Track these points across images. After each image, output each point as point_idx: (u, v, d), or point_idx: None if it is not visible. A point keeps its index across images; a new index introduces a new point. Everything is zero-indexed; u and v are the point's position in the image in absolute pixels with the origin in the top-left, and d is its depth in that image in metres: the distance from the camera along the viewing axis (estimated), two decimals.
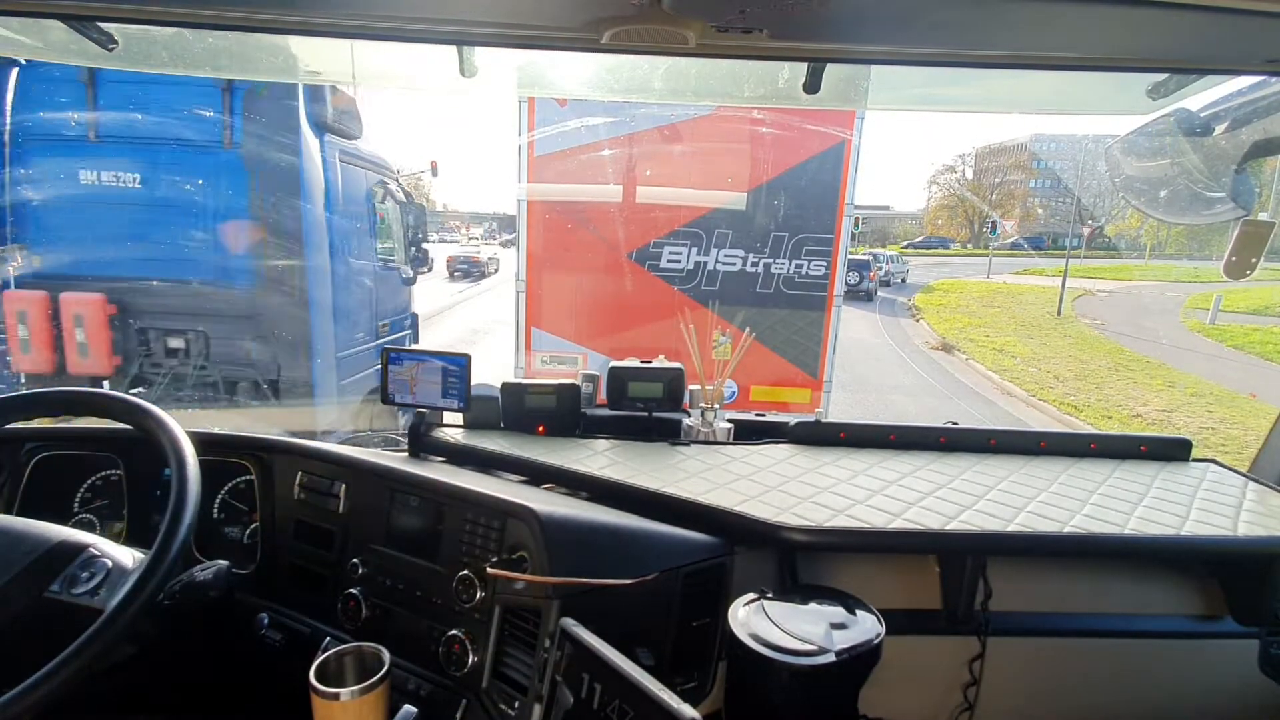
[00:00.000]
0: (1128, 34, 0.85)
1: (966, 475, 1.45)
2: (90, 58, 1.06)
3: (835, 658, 0.92)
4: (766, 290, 4.84)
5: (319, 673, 0.92)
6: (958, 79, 1.19)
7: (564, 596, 0.96)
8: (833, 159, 4.61)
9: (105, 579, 1.01)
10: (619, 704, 0.75)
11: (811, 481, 1.38)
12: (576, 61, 1.19)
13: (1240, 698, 1.31)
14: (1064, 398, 9.56)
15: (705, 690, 1.17)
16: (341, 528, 1.26)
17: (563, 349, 5.03)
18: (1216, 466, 1.59)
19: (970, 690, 1.27)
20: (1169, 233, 35.31)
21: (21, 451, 1.41)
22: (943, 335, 14.36)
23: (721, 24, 0.81)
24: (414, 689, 1.08)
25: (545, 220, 4.86)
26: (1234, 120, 1.14)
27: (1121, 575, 1.33)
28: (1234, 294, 18.10)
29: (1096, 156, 41.03)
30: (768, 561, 1.27)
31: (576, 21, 0.85)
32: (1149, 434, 1.67)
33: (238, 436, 1.41)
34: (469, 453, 1.48)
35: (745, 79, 1.18)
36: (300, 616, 1.25)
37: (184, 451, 1.07)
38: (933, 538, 1.19)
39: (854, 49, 0.94)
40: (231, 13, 0.89)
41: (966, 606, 1.25)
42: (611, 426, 1.66)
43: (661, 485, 1.31)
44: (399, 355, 1.45)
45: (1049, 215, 52.99)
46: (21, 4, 0.86)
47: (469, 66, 1.09)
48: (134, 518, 1.40)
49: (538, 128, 4.65)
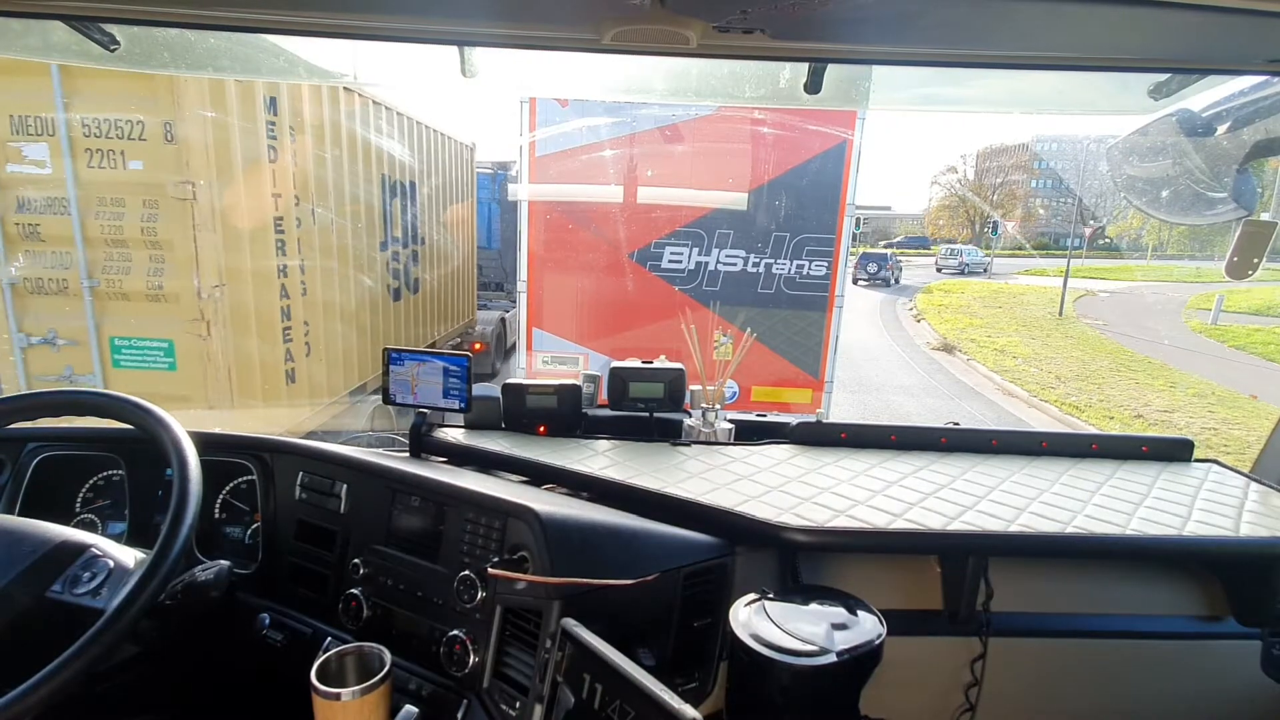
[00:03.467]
0: (1129, 34, 0.85)
1: (968, 476, 1.45)
2: (92, 59, 1.06)
3: (836, 658, 0.92)
4: (768, 290, 4.84)
5: (320, 673, 0.92)
6: (959, 79, 1.18)
7: (565, 597, 0.96)
8: (834, 159, 4.61)
9: (107, 579, 1.01)
10: (620, 704, 0.75)
11: (813, 482, 1.38)
12: (578, 62, 1.19)
13: (1243, 698, 1.31)
14: (1065, 398, 9.55)
15: (706, 690, 1.17)
16: (343, 528, 1.26)
17: (564, 349, 5.04)
18: (1218, 467, 1.58)
19: (972, 691, 1.27)
20: (1171, 233, 35.32)
21: (24, 451, 1.41)
22: (944, 335, 14.34)
23: (722, 24, 0.81)
24: (415, 689, 1.08)
25: (546, 220, 4.87)
26: (1236, 120, 1.14)
27: (1123, 576, 1.32)
28: (1236, 294, 18.08)
29: (1098, 157, 40.95)
30: (769, 562, 1.27)
31: (578, 22, 0.85)
32: (1151, 434, 1.66)
33: (239, 437, 1.42)
34: (470, 453, 1.48)
35: (746, 79, 1.18)
36: (301, 616, 1.25)
37: (185, 452, 1.07)
38: (934, 538, 1.19)
39: (855, 49, 0.94)
40: (233, 13, 0.89)
41: (968, 607, 1.25)
42: (612, 427, 1.66)
43: (663, 485, 1.31)
44: (400, 355, 1.45)
45: (1050, 215, 52.97)
46: (23, 4, 0.86)
47: (470, 67, 1.09)
48: (136, 518, 1.40)
49: (539, 128, 4.66)
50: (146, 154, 3.16)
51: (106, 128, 3.13)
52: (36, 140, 3.12)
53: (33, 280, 3.31)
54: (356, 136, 4.83)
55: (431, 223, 6.74)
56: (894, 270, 26.55)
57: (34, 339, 3.35)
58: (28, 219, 3.24)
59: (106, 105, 3.15)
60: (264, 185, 3.68)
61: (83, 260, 3.29)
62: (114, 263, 3.30)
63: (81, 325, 3.36)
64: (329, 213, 4.48)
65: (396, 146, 5.69)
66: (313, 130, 4.28)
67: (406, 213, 6.06)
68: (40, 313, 3.35)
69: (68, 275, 3.31)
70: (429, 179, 6.59)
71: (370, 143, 5.09)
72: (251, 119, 3.59)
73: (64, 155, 3.13)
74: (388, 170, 5.51)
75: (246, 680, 1.30)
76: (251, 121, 3.60)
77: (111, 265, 3.30)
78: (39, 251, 3.28)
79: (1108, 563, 1.32)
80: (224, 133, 3.34)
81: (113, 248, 3.29)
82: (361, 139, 4.94)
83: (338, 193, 4.62)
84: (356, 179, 4.94)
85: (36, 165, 3.16)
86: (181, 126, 3.14)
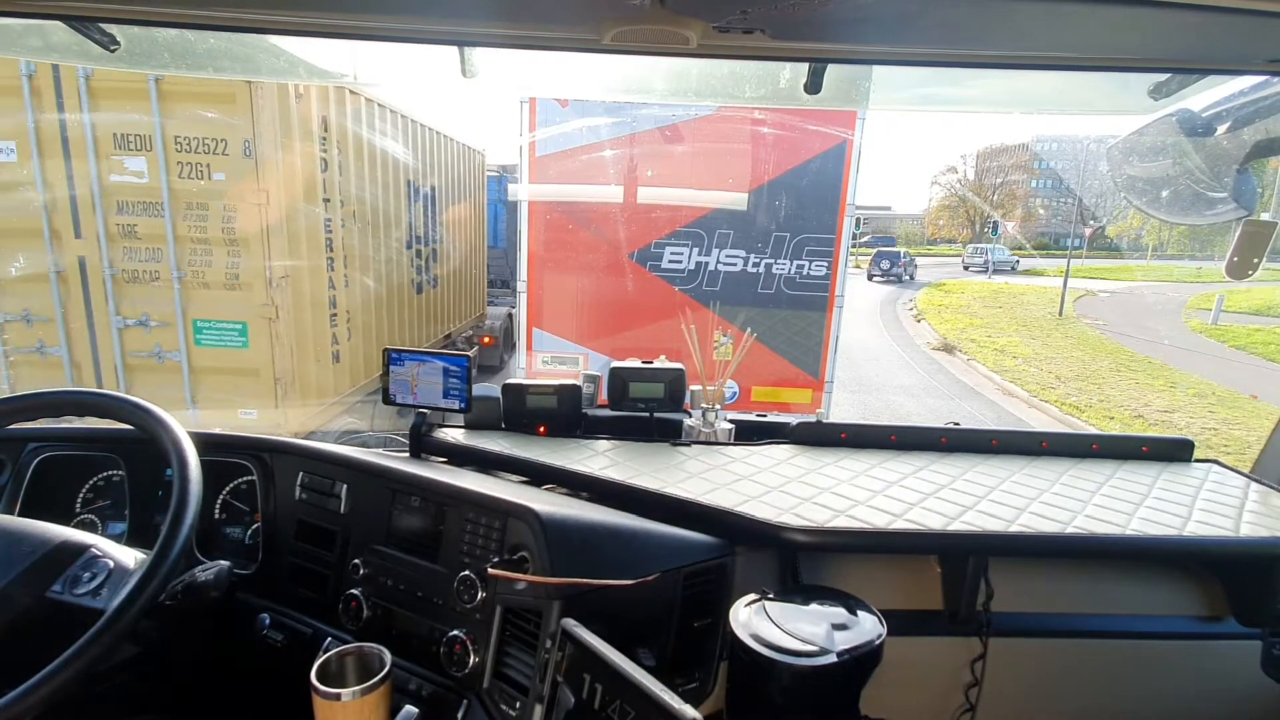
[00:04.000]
0: (1129, 34, 0.85)
1: (968, 476, 1.45)
2: (92, 59, 1.06)
3: (837, 658, 0.92)
4: (768, 291, 4.84)
5: (320, 673, 0.92)
6: (959, 79, 1.18)
7: (565, 597, 0.96)
8: (834, 159, 4.61)
9: (107, 579, 1.01)
10: (620, 704, 0.75)
11: (813, 482, 1.38)
12: (578, 62, 1.19)
13: (1243, 699, 1.31)
14: (1065, 398, 9.55)
15: (706, 691, 1.17)
16: (343, 528, 1.26)
17: (564, 349, 5.04)
18: (1219, 467, 1.58)
19: (972, 691, 1.27)
20: (1171, 233, 35.33)
21: (24, 452, 1.41)
22: (944, 335, 14.34)
23: (722, 24, 0.81)
24: (415, 689, 1.08)
25: (546, 220, 4.87)
26: (1236, 120, 1.14)
27: (1123, 576, 1.32)
28: (1236, 294, 18.08)
29: (1098, 157, 40.99)
30: (769, 562, 1.27)
31: (578, 22, 0.85)
32: (1151, 434, 1.66)
33: (239, 437, 1.42)
34: (470, 453, 1.48)
35: (746, 79, 1.18)
36: (301, 617, 1.25)
37: (186, 452, 1.07)
38: (934, 538, 1.19)
39: (855, 49, 0.93)
40: (233, 14, 0.89)
41: (968, 607, 1.24)
42: (613, 427, 1.66)
43: (663, 486, 1.31)
44: (400, 355, 1.45)
45: (1050, 215, 52.98)
46: (23, 5, 0.86)
47: (470, 67, 1.09)
48: (136, 518, 1.40)
49: (539, 128, 4.66)
50: (228, 167, 3.78)
51: (195, 144, 3.76)
52: (136, 155, 3.76)
53: (129, 271, 3.94)
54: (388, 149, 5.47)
55: (448, 224, 7.34)
56: (907, 267, 27.49)
57: (130, 321, 4.01)
58: (126, 220, 3.89)
59: (195, 126, 3.76)
60: (318, 193, 4.35)
61: (173, 255, 3.91)
62: (198, 257, 3.93)
63: (170, 310, 3.97)
64: (365, 216, 5.15)
65: (420, 155, 6.26)
66: (354, 144, 4.91)
67: (427, 215, 6.64)
68: (135, 299, 3.99)
69: (159, 268, 3.95)
70: (446, 184, 7.17)
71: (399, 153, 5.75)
72: (309, 139, 4.21)
73: (160, 167, 3.76)
74: (411, 177, 6.09)
75: (246, 680, 1.30)
76: (309, 141, 4.21)
77: (196, 259, 3.94)
78: (135, 248, 3.94)
79: (1108, 563, 1.32)
80: (289, 150, 3.98)
81: (197, 245, 3.91)
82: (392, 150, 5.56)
83: (372, 198, 5.28)
84: (388, 186, 5.57)
85: (136, 175, 3.79)
86: (257, 144, 3.76)
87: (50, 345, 4.02)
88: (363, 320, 5.11)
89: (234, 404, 4.07)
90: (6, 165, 3.80)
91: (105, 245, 3.91)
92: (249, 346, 4.00)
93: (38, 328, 4.01)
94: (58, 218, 3.88)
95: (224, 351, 4.02)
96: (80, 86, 3.72)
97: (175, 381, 4.07)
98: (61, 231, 3.90)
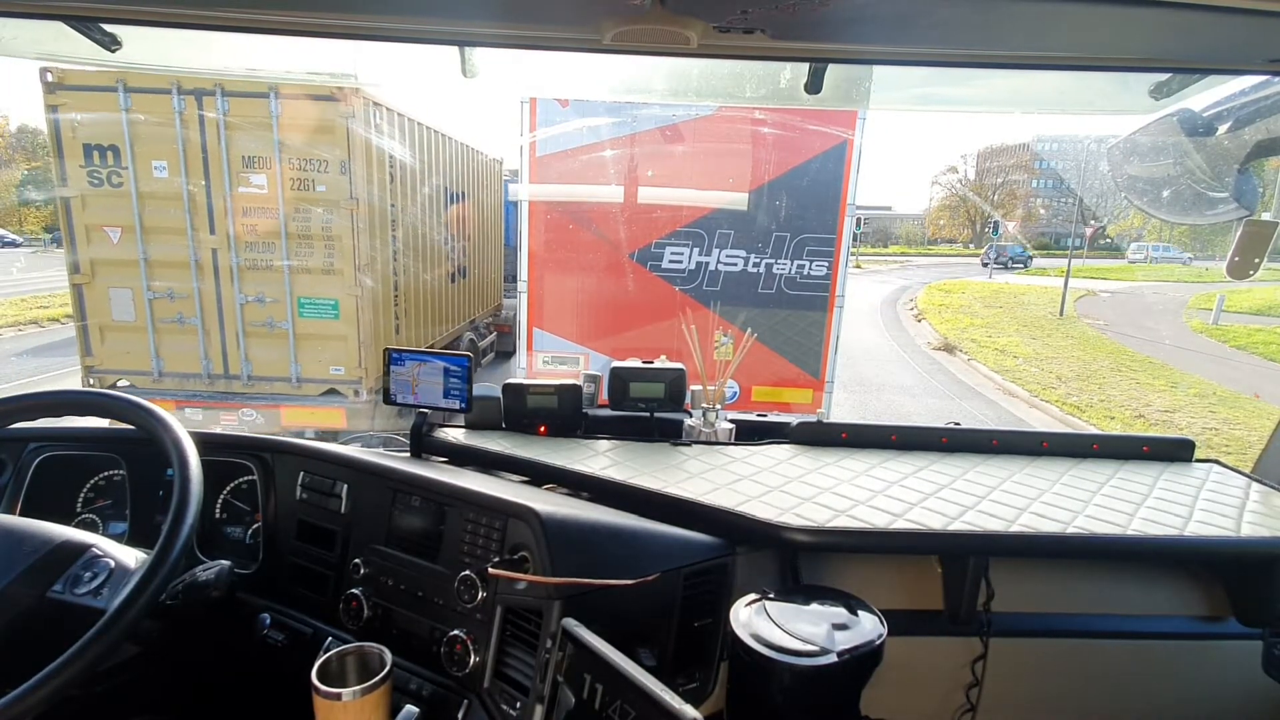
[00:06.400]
0: (1130, 34, 0.85)
1: (969, 476, 1.44)
2: (92, 59, 1.07)
3: (837, 658, 0.92)
4: (768, 291, 4.84)
5: (321, 673, 0.92)
6: (959, 79, 1.18)
7: (565, 597, 0.96)
8: (834, 159, 4.61)
9: (108, 579, 1.01)
10: (620, 704, 0.75)
11: (813, 482, 1.38)
12: (578, 62, 1.19)
13: (1244, 699, 1.30)
14: (1066, 398, 9.54)
15: (707, 691, 1.17)
16: (343, 528, 1.26)
17: (564, 349, 5.04)
18: (1219, 467, 1.58)
19: (972, 691, 1.27)
20: (1172, 233, 35.32)
21: (25, 451, 1.41)
22: (944, 335, 14.34)
23: (723, 24, 0.81)
24: (415, 689, 1.08)
25: (547, 220, 4.87)
26: (1237, 120, 1.14)
27: (1124, 576, 1.32)
28: (1237, 294, 18.06)
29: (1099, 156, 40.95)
30: (769, 562, 1.27)
31: (578, 22, 0.85)
32: (1152, 434, 1.66)
33: (240, 437, 1.42)
34: (471, 453, 1.48)
35: (747, 79, 1.18)
36: (302, 616, 1.25)
37: (186, 452, 1.07)
38: (935, 538, 1.19)
39: (855, 49, 0.93)
40: (233, 14, 0.89)
41: (969, 607, 1.24)
42: (613, 427, 1.66)
43: (663, 486, 1.31)
44: (400, 355, 1.45)
45: (1051, 215, 52.96)
46: (23, 5, 0.86)
47: (470, 67, 1.09)
48: (136, 518, 1.40)
49: (539, 128, 4.66)
50: (328, 180, 5.02)
51: (303, 164, 4.99)
52: (259, 172, 5.03)
53: (250, 260, 5.18)
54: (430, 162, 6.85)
55: (475, 224, 8.79)
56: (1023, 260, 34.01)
57: (249, 298, 5.24)
58: (249, 221, 5.15)
59: (304, 149, 4.97)
60: (387, 200, 5.57)
61: (284, 247, 5.14)
62: (302, 249, 5.17)
63: (281, 289, 5.20)
64: (417, 218, 6.45)
65: (455, 166, 7.70)
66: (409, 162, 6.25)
67: (459, 215, 8.04)
68: (255, 281, 5.22)
69: (273, 258, 5.17)
70: (473, 190, 8.65)
71: (440, 164, 7.12)
72: (383, 160, 5.44)
73: (277, 182, 5.00)
74: (447, 182, 7.51)
75: (247, 680, 1.30)
76: (383, 162, 5.45)
77: (301, 251, 5.17)
78: (255, 242, 5.19)
79: (1109, 563, 1.32)
80: (372, 166, 5.21)
81: (302, 240, 5.14)
82: (434, 162, 6.93)
83: (422, 204, 6.62)
84: (431, 191, 6.96)
85: (258, 188, 5.05)
86: (351, 164, 4.97)
87: (188, 316, 5.27)
88: (415, 301, 6.42)
89: (326, 362, 5.30)
90: (160, 179, 5.05)
91: (233, 240, 5.11)
92: (339, 318, 5.23)
93: (179, 303, 5.25)
94: (197, 219, 5.10)
95: (320, 322, 5.26)
96: (220, 122, 4.95)
97: (283, 345, 5.29)
98: (199, 230, 5.12)
